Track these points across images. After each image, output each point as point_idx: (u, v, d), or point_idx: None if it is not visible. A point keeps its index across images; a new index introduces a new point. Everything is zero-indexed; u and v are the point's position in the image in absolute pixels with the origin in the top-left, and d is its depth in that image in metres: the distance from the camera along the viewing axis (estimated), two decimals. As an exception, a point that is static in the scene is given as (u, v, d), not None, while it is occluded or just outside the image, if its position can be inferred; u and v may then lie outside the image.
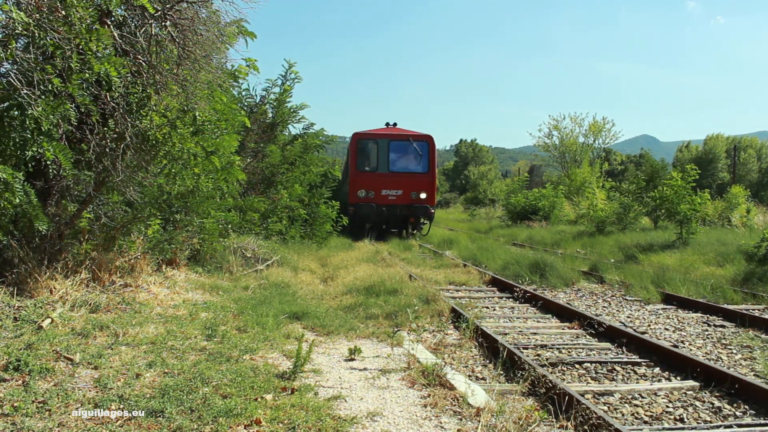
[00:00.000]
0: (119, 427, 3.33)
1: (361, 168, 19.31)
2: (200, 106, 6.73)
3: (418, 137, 19.66)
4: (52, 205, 6.17)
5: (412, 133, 20.03)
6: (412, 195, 19.10)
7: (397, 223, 20.00)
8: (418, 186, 19.19)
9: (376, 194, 18.89)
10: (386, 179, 19.06)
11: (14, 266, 5.87)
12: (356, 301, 7.81)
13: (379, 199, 18.88)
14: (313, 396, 4.04)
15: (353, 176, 19.11)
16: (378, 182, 18.97)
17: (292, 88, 16.39)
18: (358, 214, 18.49)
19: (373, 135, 19.71)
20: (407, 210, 19.05)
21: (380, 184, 18.97)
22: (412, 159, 19.53)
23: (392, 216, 19.07)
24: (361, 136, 19.68)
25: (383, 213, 18.77)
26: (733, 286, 9.87)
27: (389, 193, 18.96)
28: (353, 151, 19.38)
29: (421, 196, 19.13)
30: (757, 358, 5.76)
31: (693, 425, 4.12)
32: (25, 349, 4.35)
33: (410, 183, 19.14)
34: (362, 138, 19.62)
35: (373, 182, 18.97)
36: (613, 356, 5.83)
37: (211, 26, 6.63)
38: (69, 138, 5.73)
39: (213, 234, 9.46)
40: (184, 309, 6.60)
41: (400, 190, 19.03)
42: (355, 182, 19.05)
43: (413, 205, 19.01)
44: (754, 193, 40.18)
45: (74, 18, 4.96)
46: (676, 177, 17.79)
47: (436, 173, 19.67)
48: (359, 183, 19.02)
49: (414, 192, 19.12)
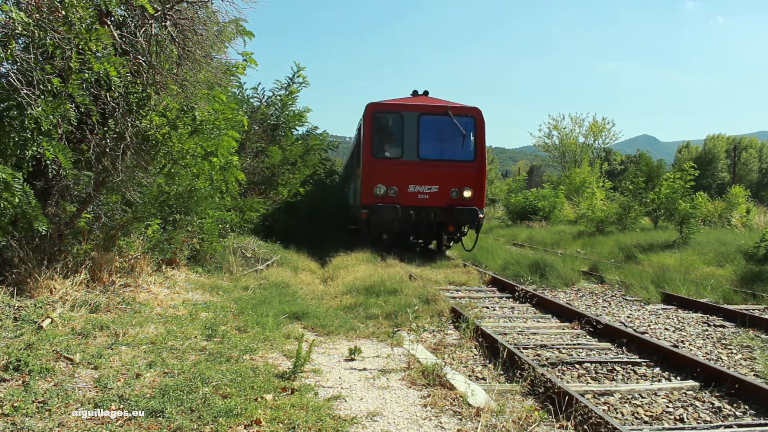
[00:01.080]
0: (119, 427, 3.33)
1: (379, 154, 13.60)
2: (199, 106, 6.73)
3: (461, 110, 13.80)
4: (52, 206, 6.17)
5: (452, 104, 14.12)
6: (453, 193, 13.41)
7: (430, 233, 14.63)
8: (460, 180, 13.51)
9: (400, 192, 13.24)
10: (415, 170, 13.40)
11: (14, 266, 5.87)
12: (356, 301, 7.81)
13: (406, 199, 13.23)
14: (313, 396, 4.04)
15: (367, 166, 13.43)
16: (404, 175, 13.32)
17: (299, 91, 16.37)
18: (376, 220, 13.06)
19: (396, 106, 13.80)
20: (445, 214, 13.41)
21: (407, 177, 13.32)
22: (453, 141, 13.81)
23: (423, 222, 13.53)
24: (379, 107, 13.75)
25: (410, 218, 13.14)
26: (733, 286, 9.87)
27: (419, 190, 13.35)
28: (367, 131, 13.57)
29: (465, 195, 13.41)
30: (757, 358, 5.76)
31: (693, 425, 4.12)
32: (25, 349, 4.35)
33: (450, 176, 13.48)
34: (380, 111, 13.74)
35: (396, 175, 13.29)
36: (613, 356, 5.82)
37: (210, 25, 6.63)
38: (69, 138, 5.73)
39: (212, 234, 9.46)
40: (184, 309, 6.60)
41: (435, 185, 13.37)
42: (371, 175, 13.33)
43: (454, 207, 13.25)
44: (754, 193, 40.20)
45: (74, 18, 4.96)
46: (674, 177, 17.80)
47: (486, 162, 13.86)
48: (376, 176, 13.29)
49: (455, 188, 13.44)
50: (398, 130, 13.66)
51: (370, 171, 13.40)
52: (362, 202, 13.32)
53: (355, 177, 15.46)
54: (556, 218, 27.02)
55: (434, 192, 13.41)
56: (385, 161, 13.56)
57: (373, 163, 13.44)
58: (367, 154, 13.49)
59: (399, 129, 13.63)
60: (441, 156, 13.70)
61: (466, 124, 13.74)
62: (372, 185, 13.26)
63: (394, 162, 13.50)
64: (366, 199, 13.25)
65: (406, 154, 13.52)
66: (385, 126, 13.96)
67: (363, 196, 13.34)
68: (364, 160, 13.48)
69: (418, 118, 13.56)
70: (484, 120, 13.78)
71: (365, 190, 13.33)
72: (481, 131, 13.75)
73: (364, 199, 13.29)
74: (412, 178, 13.37)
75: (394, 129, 13.84)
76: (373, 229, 13.38)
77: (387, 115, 13.86)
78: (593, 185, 29.74)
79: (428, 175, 13.42)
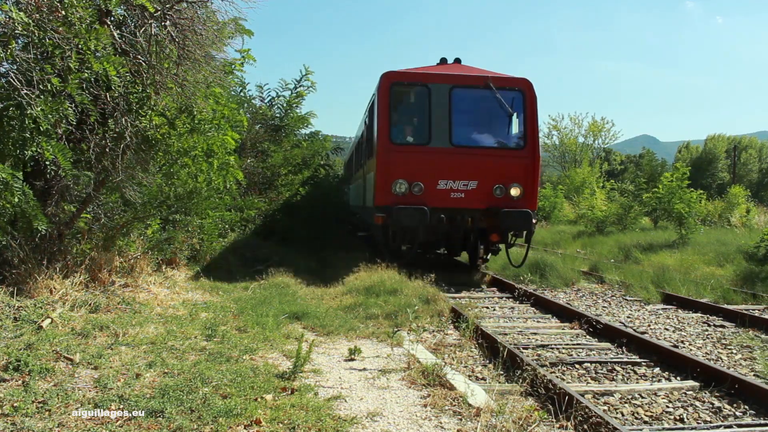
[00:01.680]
0: (119, 427, 3.33)
1: (399, 139, 10.56)
2: (198, 106, 6.74)
3: (505, 82, 10.59)
4: (52, 205, 6.17)
5: (493, 74, 10.83)
6: (496, 191, 10.26)
7: (466, 243, 11.44)
8: (506, 174, 10.33)
9: (427, 189, 10.12)
10: (447, 161, 10.23)
11: (14, 266, 5.87)
12: (356, 301, 7.80)
13: (435, 198, 10.12)
14: (313, 396, 4.04)
15: (383, 156, 10.25)
16: (432, 167, 10.18)
17: (306, 95, 16.35)
18: (396, 227, 10.15)
19: (421, 76, 10.49)
20: (487, 219, 10.23)
21: (436, 170, 10.18)
22: (496, 123, 10.85)
23: (458, 230, 10.35)
24: (399, 78, 10.48)
25: (442, 224, 10.09)
26: (733, 286, 9.87)
27: (453, 188, 10.22)
28: (383, 109, 10.33)
29: (512, 193, 10.27)
30: (757, 358, 5.76)
31: (693, 425, 4.12)
32: (25, 349, 4.35)
33: (492, 169, 10.33)
34: (400, 83, 10.50)
35: (422, 167, 10.16)
36: (613, 356, 5.82)
37: (210, 24, 6.63)
38: (69, 138, 5.73)
39: (212, 234, 9.47)
40: (183, 309, 6.60)
41: (474, 180, 10.21)
42: (389, 167, 10.18)
43: (499, 209, 10.03)
44: (754, 193, 40.22)
45: (74, 18, 4.96)
46: (669, 177, 17.82)
47: (539, 150, 10.69)
48: (396, 168, 10.14)
49: (499, 185, 10.28)
50: (424, 109, 10.40)
51: (387, 162, 10.13)
52: (377, 203, 10.15)
53: (365, 172, 12.45)
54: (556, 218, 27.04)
55: (472, 190, 10.20)
56: (408, 149, 10.37)
57: (391, 151, 10.18)
58: (384, 139, 10.18)
59: (425, 107, 10.37)
60: (480, 142, 10.61)
61: (513, 99, 10.49)
62: (390, 181, 10.03)
63: (419, 150, 10.27)
64: (382, 199, 10.09)
65: (435, 139, 10.24)
66: (407, 103, 10.91)
67: (378, 196, 10.17)
68: (380, 148, 10.20)
69: (450, 92, 10.31)
70: (535, 95, 10.51)
71: (381, 187, 10.12)
72: (533, 109, 10.48)
73: (380, 199, 10.11)
74: (442, 172, 10.14)
75: (418, 107, 10.66)
76: (392, 238, 10.35)
77: (409, 88, 10.62)
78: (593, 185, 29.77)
79: (464, 167, 10.20)
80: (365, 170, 12.43)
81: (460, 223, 10.22)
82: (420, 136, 10.55)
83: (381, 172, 10.21)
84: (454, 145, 10.26)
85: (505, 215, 9.95)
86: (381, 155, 10.23)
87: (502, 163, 10.43)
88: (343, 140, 29.57)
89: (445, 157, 10.21)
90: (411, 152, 10.30)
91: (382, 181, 10.16)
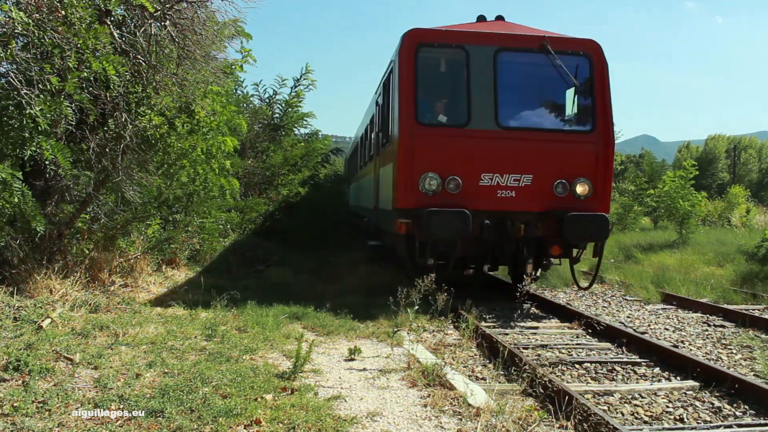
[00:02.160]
0: (119, 427, 3.33)
1: (428, 118, 8.15)
2: (198, 104, 6.74)
3: (567, 44, 8.18)
4: (52, 205, 6.18)
5: (550, 35, 8.33)
6: (557, 188, 7.88)
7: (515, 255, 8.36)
8: (570, 165, 7.96)
9: (466, 186, 7.70)
10: (492, 148, 7.85)
11: (14, 266, 5.88)
12: (356, 301, 7.80)
13: (476, 198, 7.70)
14: (313, 396, 4.04)
15: (407, 140, 7.75)
16: (472, 155, 7.79)
17: (305, 95, 16.30)
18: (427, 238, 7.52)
19: (456, 35, 8.03)
20: (544, 224, 7.85)
21: (477, 159, 7.78)
22: (554, 98, 8.44)
23: (507, 240, 7.87)
24: (427, 37, 8.02)
25: (488, 232, 7.62)
26: (733, 286, 9.87)
27: (500, 183, 7.80)
28: (406, 78, 7.86)
29: (578, 191, 7.89)
30: (757, 358, 5.76)
31: (693, 425, 4.12)
32: (25, 349, 4.35)
33: (552, 158, 7.92)
34: (430, 44, 8.03)
35: (459, 155, 7.76)
36: (613, 356, 5.82)
37: (210, 25, 6.64)
38: (69, 138, 5.74)
39: (213, 234, 9.47)
40: (184, 309, 6.60)
41: (527, 174, 7.85)
42: (414, 155, 7.73)
43: (563, 212, 7.66)
44: (754, 193, 40.21)
45: (74, 18, 4.97)
46: (674, 175, 17.80)
47: (613, 133, 8.18)
48: (424, 157, 7.72)
49: (561, 180, 7.89)
50: (461, 79, 7.97)
51: (413, 149, 7.61)
52: (398, 205, 7.68)
53: (377, 166, 10.00)
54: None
55: (526, 186, 7.73)
56: (440, 132, 7.85)
57: (418, 134, 7.65)
58: (408, 119, 7.67)
59: (462, 76, 7.92)
60: (536, 124, 8.13)
61: (578, 67, 8.04)
62: (417, 175, 7.55)
63: (455, 134, 7.78)
64: (405, 199, 7.62)
65: (477, 119, 7.75)
66: (438, 71, 8.46)
67: (399, 195, 7.68)
68: (403, 131, 7.69)
69: (496, 57, 7.85)
70: (605, 61, 8.10)
71: (404, 183, 7.62)
72: (603, 80, 8.02)
73: (403, 200, 7.64)
74: (486, 163, 7.66)
75: (453, 76, 8.30)
76: (421, 253, 7.64)
77: (441, 51, 8.14)
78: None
79: (515, 156, 7.74)
80: (377, 163, 9.97)
81: (510, 231, 7.62)
82: (456, 114, 8.10)
83: (404, 164, 7.61)
84: (501, 127, 7.75)
85: (572, 221, 7.40)
86: (404, 140, 7.62)
87: (566, 151, 7.90)
88: (342, 140, 29.57)
89: (489, 142, 7.72)
90: (444, 136, 7.75)
91: (405, 176, 7.58)
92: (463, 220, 7.18)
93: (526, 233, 7.73)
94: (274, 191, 15.09)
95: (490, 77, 7.85)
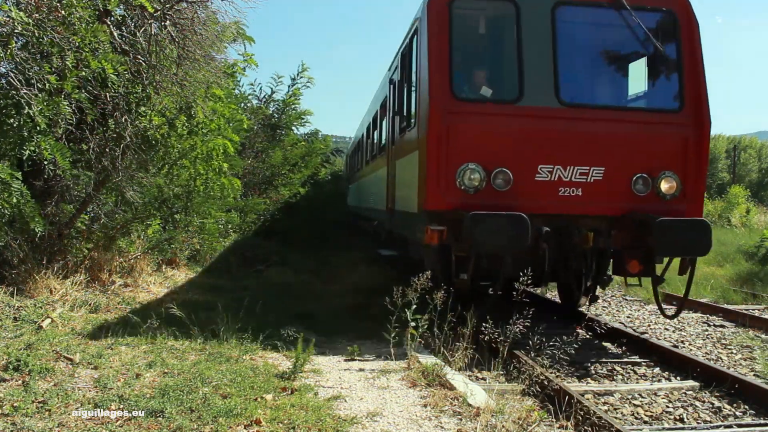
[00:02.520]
0: (119, 427, 3.33)
1: (466, 92, 6.35)
2: (198, 105, 6.74)
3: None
4: (52, 206, 6.18)
5: None
6: (637, 184, 6.03)
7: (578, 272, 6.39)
8: (653, 154, 6.09)
9: (519, 181, 5.85)
10: (552, 131, 5.93)
11: (14, 266, 5.88)
12: (357, 301, 7.80)
13: (532, 197, 5.85)
14: (313, 396, 4.04)
15: (438, 120, 5.82)
16: (526, 140, 5.92)
17: (302, 94, 16.25)
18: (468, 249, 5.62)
19: None
20: (621, 231, 6.00)
21: (533, 145, 5.90)
22: (631, 67, 6.73)
23: (574, 251, 6.05)
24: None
25: (549, 242, 5.68)
26: (732, 286, 9.87)
27: (563, 177, 5.91)
28: (436, 42, 5.98)
29: (664, 188, 6.05)
30: (757, 358, 5.76)
31: (693, 425, 4.12)
32: (25, 349, 4.35)
33: (630, 145, 6.05)
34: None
35: (508, 140, 5.92)
36: (613, 356, 5.82)
37: (210, 25, 6.64)
38: (69, 138, 5.74)
39: (213, 234, 9.47)
40: (184, 309, 6.59)
41: (600, 166, 5.95)
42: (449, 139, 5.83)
43: (649, 216, 5.74)
44: (754, 193, 40.20)
45: (74, 18, 4.97)
46: None
47: (708, 113, 6.19)
48: (462, 142, 5.83)
49: (643, 174, 6.04)
50: (508, 41, 6.33)
51: (448, 131, 5.84)
52: (428, 207, 5.90)
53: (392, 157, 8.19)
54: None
55: (595, 183, 5.94)
56: (483, 109, 6.05)
57: (455, 111, 5.87)
58: (440, 92, 5.89)
59: (510, 38, 6.21)
60: (607, 100, 6.61)
61: (661, 27, 6.35)
62: (454, 165, 5.81)
63: (502, 111, 6.03)
64: (438, 198, 5.84)
65: (530, 93, 5.95)
66: (478, 32, 6.64)
67: (430, 193, 5.87)
68: (434, 108, 5.86)
69: (554, 13, 6.07)
70: (696, 22, 6.34)
71: (435, 177, 5.84)
72: (693, 45, 6.29)
73: (434, 200, 5.86)
74: (544, 150, 5.91)
75: (497, 38, 6.72)
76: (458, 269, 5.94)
77: (481, 5, 6.48)
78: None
79: (581, 142, 5.96)
80: (393, 155, 8.06)
81: (576, 242, 5.87)
82: (503, 88, 6.29)
83: (436, 151, 5.77)
84: (563, 104, 5.91)
85: (664, 228, 5.60)
86: (436, 120, 5.77)
87: (647, 137, 6.07)
88: (342, 140, 29.55)
89: (548, 124, 5.88)
90: (489, 115, 5.92)
91: (437, 168, 5.76)
92: (521, 228, 5.31)
93: (596, 243, 5.88)
94: (274, 191, 15.08)
95: (547, 39, 5.98)
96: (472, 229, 5.28)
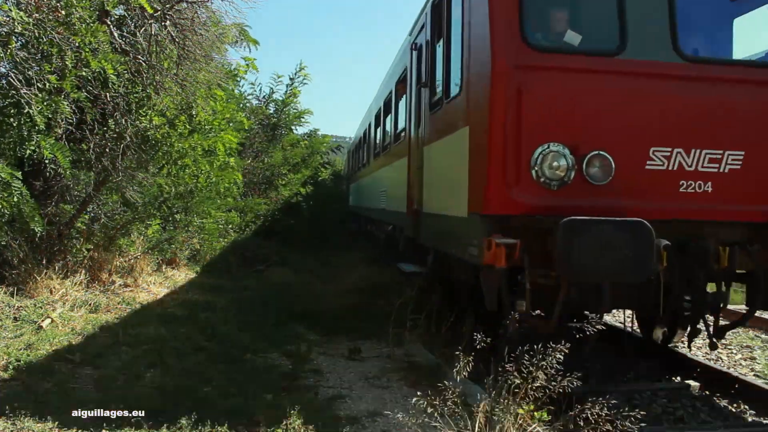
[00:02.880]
0: (119, 427, 3.33)
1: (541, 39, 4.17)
2: (198, 105, 6.74)
3: None
4: (52, 206, 6.18)
5: None
6: None
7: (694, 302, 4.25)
8: None
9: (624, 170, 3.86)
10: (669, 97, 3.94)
11: (14, 266, 5.88)
12: (357, 301, 7.79)
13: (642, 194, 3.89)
14: (313, 396, 4.04)
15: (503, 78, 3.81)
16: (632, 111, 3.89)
17: (300, 93, 16.25)
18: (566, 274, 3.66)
19: None
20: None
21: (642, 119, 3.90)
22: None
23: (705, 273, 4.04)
24: None
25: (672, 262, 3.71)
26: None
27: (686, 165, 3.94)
28: None
29: None
30: (757, 358, 5.76)
31: (693, 425, 4.12)
32: (25, 349, 4.35)
33: None
34: None
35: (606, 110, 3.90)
36: (612, 356, 5.82)
37: (211, 26, 6.64)
38: (69, 138, 5.74)
39: (213, 234, 9.47)
40: (184, 309, 6.59)
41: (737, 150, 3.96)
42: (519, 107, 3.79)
43: None
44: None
45: (74, 18, 4.97)
46: None
47: None
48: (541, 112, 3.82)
49: None
50: None
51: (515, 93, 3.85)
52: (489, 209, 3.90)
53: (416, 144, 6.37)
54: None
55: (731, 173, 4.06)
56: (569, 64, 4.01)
57: (526, 63, 3.89)
58: (506, 34, 3.91)
59: None
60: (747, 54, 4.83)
61: None
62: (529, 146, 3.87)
63: (596, 67, 4.04)
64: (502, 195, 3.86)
65: (635, 42, 4.01)
66: None
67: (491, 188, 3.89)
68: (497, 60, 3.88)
69: None
70: None
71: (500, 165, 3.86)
72: None
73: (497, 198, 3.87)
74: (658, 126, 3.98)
75: None
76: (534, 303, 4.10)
77: None
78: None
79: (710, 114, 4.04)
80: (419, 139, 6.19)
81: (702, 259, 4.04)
82: (596, 34, 4.38)
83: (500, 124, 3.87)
84: (685, 58, 4.10)
85: None
86: (500, 76, 3.90)
87: None
88: (342, 140, 29.56)
89: (663, 86, 4.07)
90: (577, 73, 4.02)
91: (503, 148, 3.88)
92: (644, 243, 3.56)
93: (731, 263, 4.09)
94: (274, 191, 15.08)
95: None
96: (569, 246, 3.50)
